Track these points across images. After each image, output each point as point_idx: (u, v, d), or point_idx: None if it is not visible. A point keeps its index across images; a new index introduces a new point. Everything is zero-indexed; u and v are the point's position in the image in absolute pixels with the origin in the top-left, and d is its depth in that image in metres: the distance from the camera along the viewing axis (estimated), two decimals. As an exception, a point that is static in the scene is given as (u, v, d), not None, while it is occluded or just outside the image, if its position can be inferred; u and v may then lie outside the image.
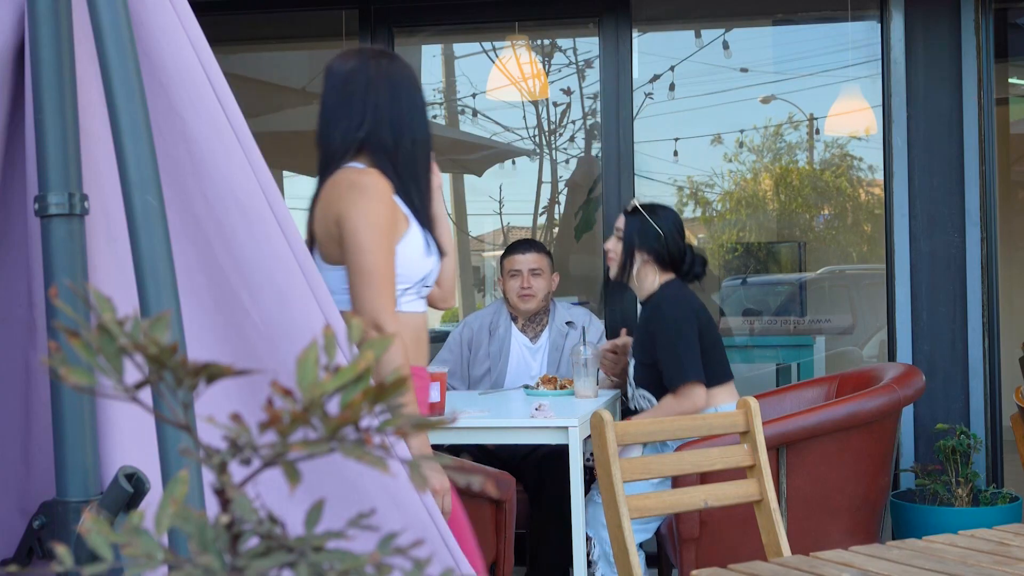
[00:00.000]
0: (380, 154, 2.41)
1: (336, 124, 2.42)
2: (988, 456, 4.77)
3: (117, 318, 0.64)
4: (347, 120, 2.41)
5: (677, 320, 3.71)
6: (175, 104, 1.71)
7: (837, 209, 7.23)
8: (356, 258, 2.28)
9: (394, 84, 2.44)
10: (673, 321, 3.71)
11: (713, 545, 3.51)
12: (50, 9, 1.59)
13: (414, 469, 0.63)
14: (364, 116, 2.41)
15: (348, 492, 1.80)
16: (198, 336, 1.73)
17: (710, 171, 7.08)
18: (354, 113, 2.41)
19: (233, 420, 0.63)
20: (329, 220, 2.35)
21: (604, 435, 2.26)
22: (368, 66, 2.44)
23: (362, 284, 2.27)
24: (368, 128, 2.40)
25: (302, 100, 7.89)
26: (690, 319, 3.72)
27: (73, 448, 1.57)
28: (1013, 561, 1.83)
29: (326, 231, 2.36)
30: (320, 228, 2.37)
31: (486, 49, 6.51)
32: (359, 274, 2.27)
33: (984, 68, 4.81)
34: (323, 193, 2.39)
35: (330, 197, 2.36)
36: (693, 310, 3.76)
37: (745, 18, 6.26)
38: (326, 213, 2.36)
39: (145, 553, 0.63)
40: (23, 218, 1.72)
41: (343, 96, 2.43)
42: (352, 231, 2.29)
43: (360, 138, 2.41)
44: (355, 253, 2.28)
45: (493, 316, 4.51)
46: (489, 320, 4.50)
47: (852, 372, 4.26)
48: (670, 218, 3.90)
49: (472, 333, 4.52)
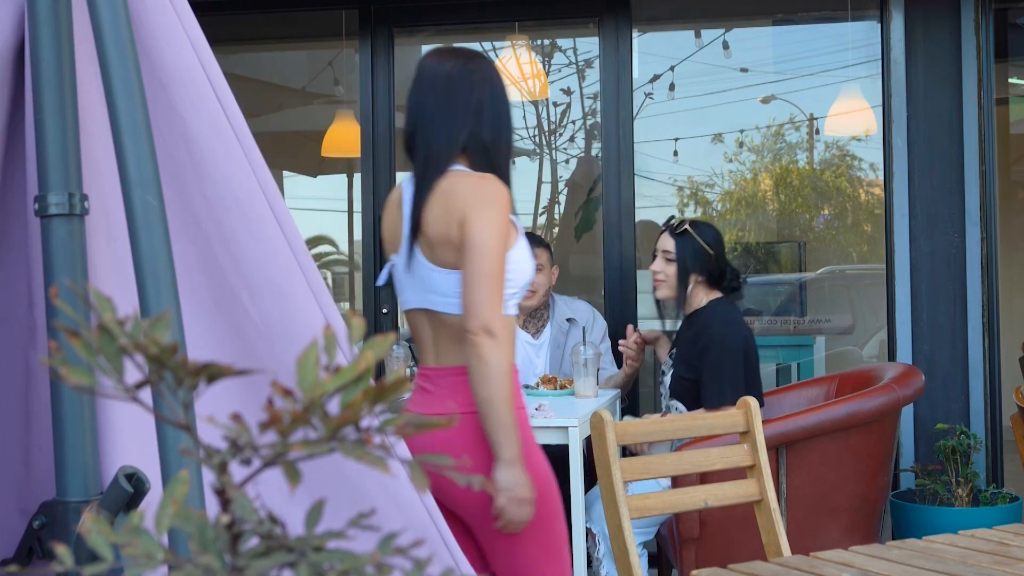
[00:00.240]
0: (480, 155, 2.41)
1: (439, 124, 2.41)
2: (988, 456, 4.77)
3: (117, 318, 0.64)
4: (452, 120, 2.41)
5: (727, 341, 3.70)
6: (175, 104, 1.71)
7: (837, 209, 7.23)
8: (479, 262, 2.28)
9: (493, 84, 2.46)
10: (722, 341, 3.70)
11: (713, 545, 3.51)
12: (50, 9, 1.59)
13: (414, 469, 0.63)
14: (467, 117, 2.41)
15: (348, 492, 1.80)
16: (198, 336, 1.73)
17: (710, 171, 7.08)
18: (458, 113, 2.41)
19: (233, 420, 0.63)
20: (450, 224, 2.33)
21: (604, 435, 2.26)
22: (468, 66, 2.45)
23: (479, 287, 2.27)
24: (471, 128, 2.41)
25: (302, 100, 7.90)
26: (738, 343, 3.72)
27: (73, 448, 1.57)
28: (1013, 561, 1.83)
29: (444, 234, 2.34)
30: (436, 230, 2.35)
31: (486, 49, 6.51)
32: (478, 277, 2.28)
33: (984, 68, 4.81)
34: (439, 196, 2.36)
35: (452, 201, 2.34)
36: (742, 335, 3.76)
37: (745, 18, 6.26)
38: (447, 217, 2.34)
39: (145, 553, 0.63)
40: (23, 218, 1.72)
41: (446, 96, 2.42)
42: (478, 236, 2.28)
43: (464, 139, 2.41)
44: (479, 257, 2.28)
45: None
46: None
47: (852, 372, 4.26)
48: (714, 234, 3.88)
49: None
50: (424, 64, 2.48)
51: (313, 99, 7.78)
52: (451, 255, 2.34)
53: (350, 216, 8.45)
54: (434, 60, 2.47)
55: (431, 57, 2.49)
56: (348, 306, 8.21)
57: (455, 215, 2.32)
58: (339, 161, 7.82)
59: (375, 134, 5.33)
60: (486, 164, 2.41)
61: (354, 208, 8.17)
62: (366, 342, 0.67)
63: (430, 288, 2.37)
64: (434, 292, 2.36)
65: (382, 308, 5.33)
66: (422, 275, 2.37)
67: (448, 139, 2.40)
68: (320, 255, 9.28)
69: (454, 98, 2.41)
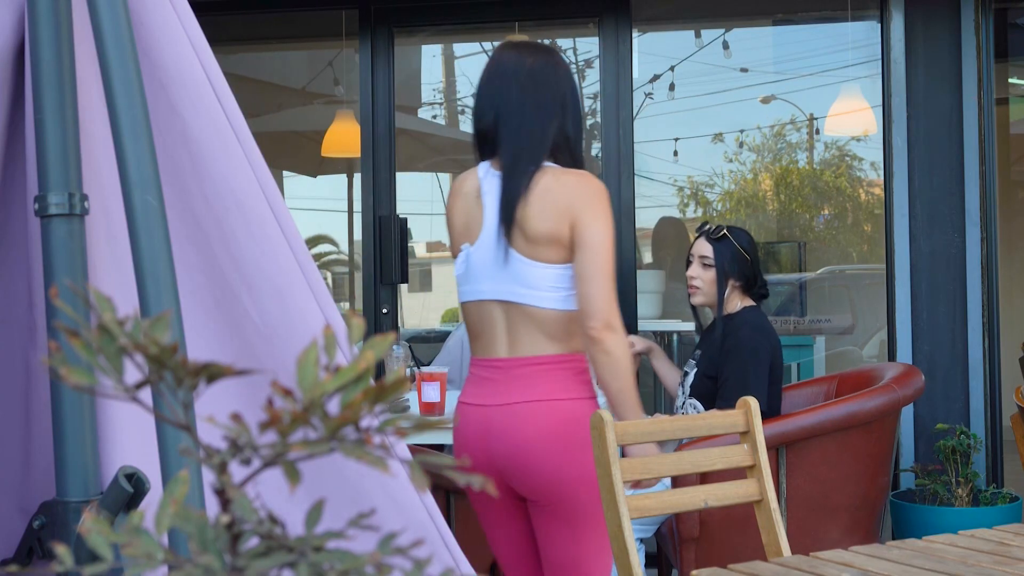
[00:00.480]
0: (565, 150, 2.45)
1: (529, 118, 2.42)
2: (988, 456, 4.77)
3: (117, 318, 0.64)
4: (542, 115, 2.43)
5: (756, 346, 3.69)
6: (175, 104, 1.71)
7: (837, 209, 7.23)
8: (597, 260, 2.35)
9: (572, 80, 2.49)
10: (751, 343, 3.70)
11: (713, 545, 3.51)
12: (50, 9, 1.59)
13: (414, 469, 0.63)
14: (556, 111, 2.43)
15: (348, 492, 1.80)
16: (198, 336, 1.73)
17: (710, 171, 7.08)
18: (548, 108, 2.43)
19: (233, 420, 0.63)
20: (559, 222, 2.37)
21: (604, 435, 2.26)
22: (551, 61, 2.47)
23: (599, 285, 2.34)
24: (559, 123, 2.44)
25: (302, 100, 7.90)
26: (767, 350, 3.72)
27: (73, 448, 1.57)
28: (1013, 561, 1.83)
29: (550, 232, 2.38)
30: (541, 228, 2.38)
31: (486, 49, 6.51)
32: (599, 276, 2.35)
33: (984, 68, 4.81)
34: (541, 193, 2.39)
35: (558, 199, 2.38)
36: (771, 344, 3.75)
37: (745, 18, 6.26)
38: (555, 215, 2.37)
39: (145, 553, 0.63)
40: (23, 218, 1.72)
41: (533, 91, 2.43)
42: (595, 236, 2.35)
43: (553, 134, 2.43)
44: (596, 256, 2.35)
45: None
46: None
47: (852, 372, 4.26)
48: (749, 239, 3.87)
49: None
50: (502, 57, 2.48)
51: (313, 99, 7.79)
52: (555, 252, 2.38)
53: (350, 216, 8.45)
54: (512, 53, 2.47)
55: (508, 50, 2.49)
56: (348, 306, 8.21)
57: (564, 213, 2.36)
58: (339, 161, 7.83)
59: (375, 134, 5.33)
60: (569, 159, 2.45)
61: (354, 208, 8.18)
62: (366, 342, 0.67)
63: (521, 281, 2.40)
64: (524, 285, 2.39)
65: (382, 308, 5.33)
66: (515, 269, 2.39)
67: (541, 134, 2.42)
68: (320, 255, 9.28)
69: (541, 93, 2.42)
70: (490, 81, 2.47)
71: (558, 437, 2.38)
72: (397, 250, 5.29)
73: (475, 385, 2.48)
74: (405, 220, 5.39)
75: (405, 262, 5.38)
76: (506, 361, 2.42)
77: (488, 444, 2.42)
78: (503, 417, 2.40)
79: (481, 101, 2.48)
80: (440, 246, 9.50)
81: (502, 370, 2.43)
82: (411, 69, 7.11)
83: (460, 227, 2.51)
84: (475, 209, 2.47)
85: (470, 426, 2.44)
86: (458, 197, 2.53)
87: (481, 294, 2.46)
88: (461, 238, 2.50)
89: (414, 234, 7.45)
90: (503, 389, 2.41)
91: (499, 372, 2.43)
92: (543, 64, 2.45)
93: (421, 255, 9.39)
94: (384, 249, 5.28)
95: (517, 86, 2.42)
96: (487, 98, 2.47)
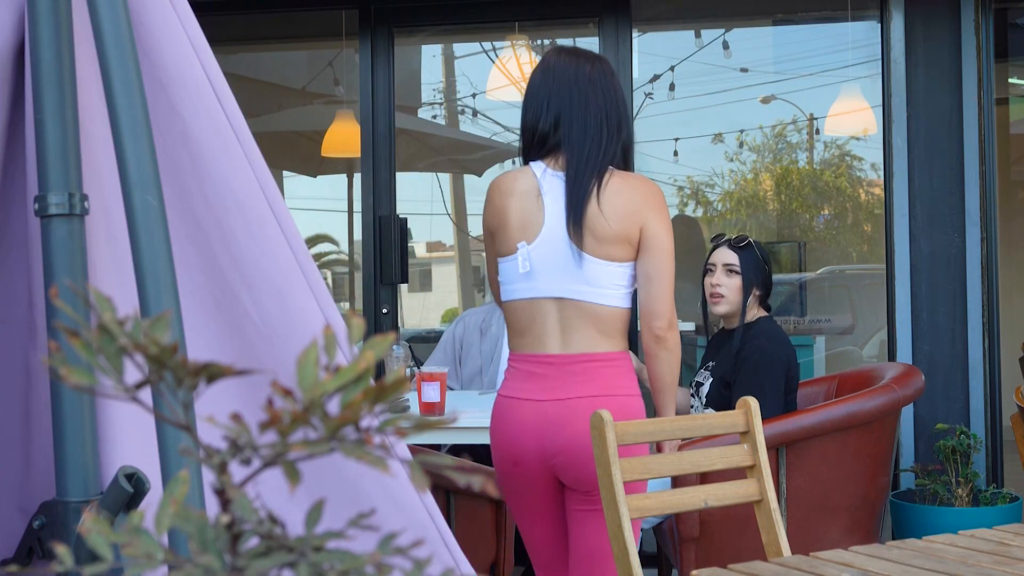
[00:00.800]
0: (620, 154, 2.58)
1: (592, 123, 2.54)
2: (988, 456, 4.77)
3: (117, 318, 0.64)
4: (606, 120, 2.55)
5: (772, 355, 3.70)
6: (175, 104, 1.71)
7: (837, 209, 7.23)
8: (665, 264, 2.52)
9: (622, 90, 2.63)
10: (768, 353, 3.70)
11: (713, 545, 3.51)
12: (50, 9, 1.59)
13: (414, 469, 0.63)
14: (616, 117, 2.56)
15: (348, 492, 1.80)
16: (198, 336, 1.73)
17: (710, 171, 7.08)
18: (611, 114, 2.56)
19: (233, 420, 0.63)
20: (630, 224, 2.50)
21: (604, 435, 2.26)
22: (606, 69, 2.59)
23: (665, 287, 2.52)
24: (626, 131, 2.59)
25: (302, 100, 7.90)
26: (782, 360, 3.73)
27: (73, 448, 1.57)
28: (1013, 561, 1.83)
29: (622, 233, 2.50)
30: (613, 228, 2.49)
31: (486, 49, 6.51)
32: (665, 278, 2.52)
33: (984, 68, 4.81)
34: (612, 195, 2.50)
35: (628, 201, 2.51)
36: (787, 355, 3.76)
37: (745, 18, 6.26)
38: (626, 216, 2.50)
39: (145, 553, 0.63)
40: (23, 218, 1.72)
41: (593, 97, 2.55)
42: (663, 240, 2.51)
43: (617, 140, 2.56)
44: (664, 258, 2.51)
45: (486, 316, 4.45)
46: (481, 319, 4.45)
47: (852, 372, 4.26)
48: (766, 251, 3.91)
49: (465, 329, 4.47)
50: (556, 63, 2.58)
51: (313, 99, 7.78)
52: (622, 251, 2.51)
53: (350, 216, 8.45)
54: (568, 59, 2.58)
55: (563, 56, 2.60)
56: (348, 306, 8.21)
57: (635, 215, 2.50)
58: (339, 161, 7.83)
59: (375, 134, 5.33)
60: (623, 162, 2.58)
61: (354, 208, 8.18)
62: (366, 342, 0.67)
63: (587, 279, 2.50)
64: (588, 283, 2.50)
65: (382, 308, 5.33)
66: (583, 267, 2.50)
67: (608, 139, 2.54)
68: (320, 255, 9.28)
69: (602, 99, 2.55)
70: (546, 84, 2.57)
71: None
72: (397, 250, 5.29)
73: (521, 380, 2.55)
74: (405, 220, 5.39)
75: (405, 262, 5.39)
76: (559, 357, 2.52)
77: (543, 437, 2.51)
78: (561, 412, 2.49)
79: (538, 103, 2.57)
80: (440, 246, 9.50)
81: (555, 366, 2.52)
82: (411, 69, 7.11)
83: (517, 225, 2.56)
84: (534, 208, 2.54)
85: (522, 420, 2.52)
86: (512, 196, 2.57)
87: (537, 291, 2.54)
88: (518, 236, 2.55)
89: (414, 234, 7.45)
90: (558, 384, 2.51)
91: (551, 368, 2.52)
92: (599, 73, 2.57)
93: (421, 255, 9.39)
94: (384, 249, 5.28)
95: (577, 91, 2.54)
96: (545, 100, 2.56)
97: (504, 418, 2.56)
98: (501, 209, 2.58)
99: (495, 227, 2.60)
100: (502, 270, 2.60)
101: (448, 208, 8.34)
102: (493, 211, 2.60)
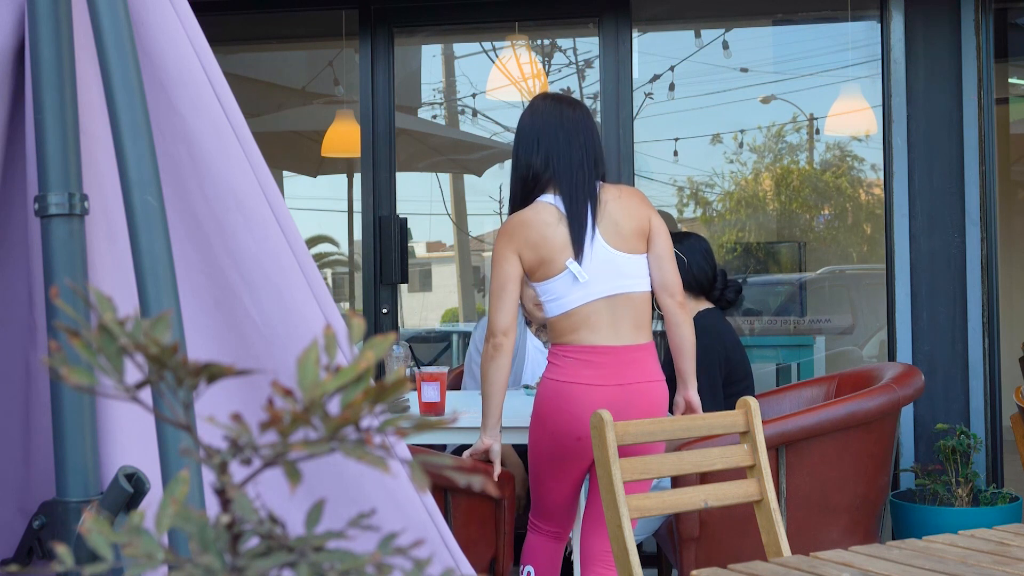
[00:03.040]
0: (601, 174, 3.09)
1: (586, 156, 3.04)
2: (988, 456, 4.77)
3: (117, 318, 0.64)
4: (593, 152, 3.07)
5: (706, 351, 3.72)
6: (175, 104, 1.71)
7: (837, 209, 7.23)
8: (668, 245, 3.05)
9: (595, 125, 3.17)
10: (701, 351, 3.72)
11: (713, 545, 3.51)
12: (50, 9, 1.59)
13: (414, 469, 0.63)
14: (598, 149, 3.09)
15: (348, 492, 1.80)
16: (198, 336, 1.73)
17: (710, 171, 7.08)
18: (594, 148, 3.08)
19: (233, 420, 0.63)
20: (642, 219, 3.03)
21: (604, 435, 2.26)
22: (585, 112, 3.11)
23: (675, 265, 3.06)
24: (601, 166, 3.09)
25: (302, 100, 7.90)
26: (715, 353, 3.75)
27: (73, 448, 1.57)
28: (1013, 561, 1.83)
29: (639, 227, 3.02)
30: (633, 225, 3.01)
31: (486, 49, 6.52)
32: (673, 258, 3.06)
33: (984, 68, 4.81)
34: (618, 201, 3.03)
35: (633, 203, 3.05)
36: (724, 345, 3.78)
37: (745, 18, 6.26)
38: (637, 214, 3.03)
39: (145, 553, 0.63)
40: (23, 218, 1.72)
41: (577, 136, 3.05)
42: (661, 225, 3.05)
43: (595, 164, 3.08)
44: (667, 240, 3.05)
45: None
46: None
47: (852, 372, 4.26)
48: (695, 246, 3.94)
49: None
50: (543, 108, 3.08)
51: (313, 99, 7.78)
52: (641, 243, 3.02)
53: (350, 216, 8.45)
54: (552, 104, 3.10)
55: (548, 101, 3.11)
56: (348, 306, 8.22)
57: (641, 212, 3.04)
58: (339, 161, 7.83)
59: (375, 134, 5.33)
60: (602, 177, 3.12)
61: (354, 208, 8.18)
62: (366, 342, 0.67)
63: (624, 273, 2.98)
64: (626, 276, 2.98)
65: (382, 308, 5.33)
66: (618, 264, 2.98)
67: (599, 165, 3.06)
68: (320, 255, 9.29)
69: (587, 137, 3.05)
70: (529, 126, 3.07)
71: (662, 410, 3.01)
72: (397, 250, 5.29)
73: (577, 368, 2.95)
74: (405, 220, 5.39)
75: (405, 262, 5.39)
76: (612, 348, 2.95)
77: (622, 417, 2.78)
78: (632, 394, 2.95)
79: (528, 141, 3.05)
80: (440, 246, 9.50)
81: (610, 355, 2.95)
82: (411, 69, 7.11)
83: (559, 248, 2.96)
84: (564, 230, 2.98)
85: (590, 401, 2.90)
86: (546, 226, 2.98)
87: (591, 296, 2.96)
88: (563, 255, 2.96)
89: (414, 234, 7.45)
90: (620, 371, 2.96)
91: (607, 357, 2.95)
92: (581, 115, 3.07)
93: (421, 255, 9.40)
94: (384, 249, 5.28)
95: (562, 132, 3.03)
96: (532, 139, 3.05)
97: (565, 398, 2.94)
98: (539, 240, 2.97)
99: (534, 259, 2.97)
100: (547, 289, 2.98)
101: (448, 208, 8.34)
102: (530, 245, 2.97)
